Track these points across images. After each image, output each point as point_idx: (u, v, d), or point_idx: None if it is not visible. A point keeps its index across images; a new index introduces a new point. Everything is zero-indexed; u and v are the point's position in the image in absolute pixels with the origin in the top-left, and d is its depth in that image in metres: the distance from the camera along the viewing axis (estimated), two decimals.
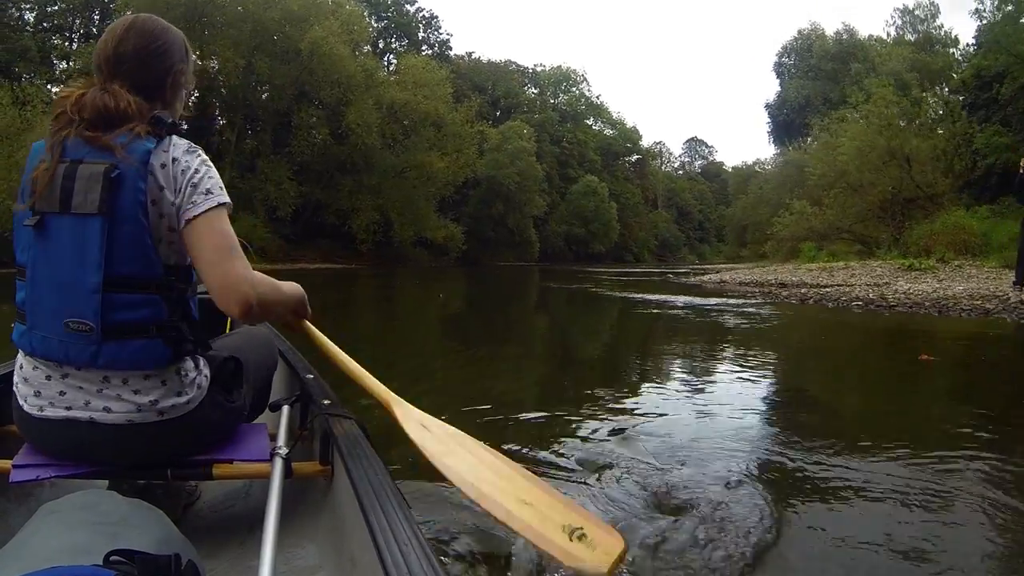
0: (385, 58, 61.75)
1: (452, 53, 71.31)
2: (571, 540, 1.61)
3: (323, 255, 45.10)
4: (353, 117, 45.62)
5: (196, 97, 43.37)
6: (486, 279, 32.04)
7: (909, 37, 64.01)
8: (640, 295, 17.71)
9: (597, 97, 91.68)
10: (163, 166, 1.59)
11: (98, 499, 1.40)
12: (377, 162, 49.30)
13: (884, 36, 64.40)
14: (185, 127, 1.82)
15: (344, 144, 47.48)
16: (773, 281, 19.58)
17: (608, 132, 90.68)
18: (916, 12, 65.39)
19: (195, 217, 1.58)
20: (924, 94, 26.97)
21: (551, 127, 76.99)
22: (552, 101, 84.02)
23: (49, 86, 38.53)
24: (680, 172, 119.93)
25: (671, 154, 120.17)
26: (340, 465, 1.76)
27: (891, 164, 26.21)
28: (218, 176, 1.67)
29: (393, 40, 67.19)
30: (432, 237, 52.31)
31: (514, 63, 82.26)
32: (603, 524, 1.74)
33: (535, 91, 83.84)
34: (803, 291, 15.74)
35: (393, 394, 2.02)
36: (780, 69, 74.40)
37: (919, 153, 26.18)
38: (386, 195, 49.29)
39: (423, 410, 2.00)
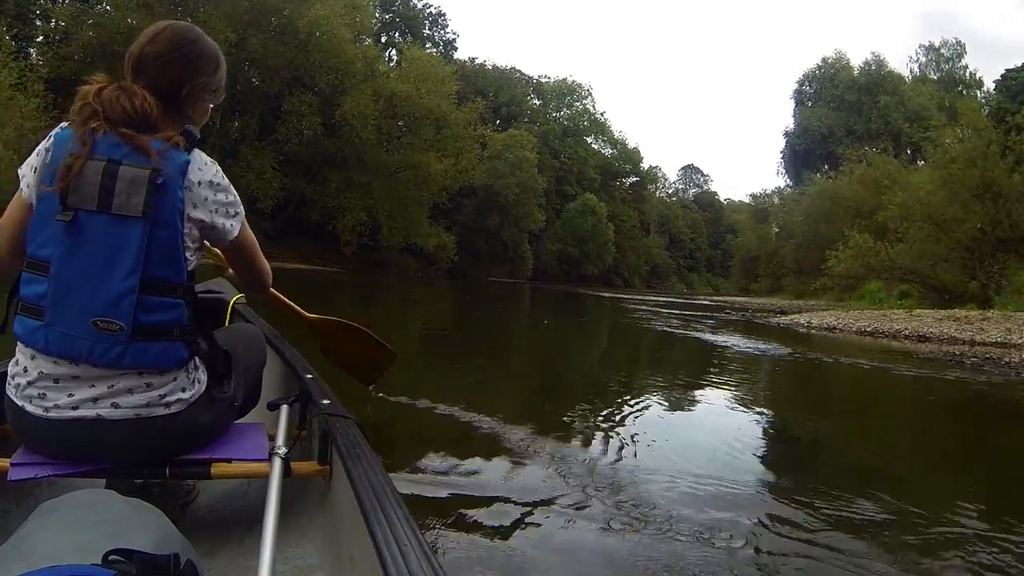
0: (387, 52, 57.89)
1: (456, 56, 68.36)
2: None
3: (303, 255, 41.31)
4: (349, 107, 42.04)
5: None
6: (497, 297, 28.35)
7: (932, 76, 62.72)
8: (746, 342, 14.17)
9: (602, 114, 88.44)
10: (199, 183, 1.67)
11: (96, 498, 1.38)
12: (370, 159, 45.86)
13: (907, 73, 63.20)
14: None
15: (336, 137, 43.97)
16: (901, 332, 16.22)
17: (608, 152, 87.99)
18: (942, 51, 64.31)
19: (237, 237, 1.80)
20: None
21: (553, 140, 74.15)
22: (555, 114, 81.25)
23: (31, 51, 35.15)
24: (674, 199, 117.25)
25: (666, 179, 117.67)
26: (339, 465, 1.79)
27: (984, 198, 22.59)
28: (232, 187, 1.79)
29: (397, 35, 63.69)
30: (422, 245, 49.08)
31: (519, 71, 79.43)
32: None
33: (538, 102, 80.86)
34: (971, 350, 12.37)
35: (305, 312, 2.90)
36: (800, 97, 72.19)
37: (1012, 188, 22.57)
38: (376, 195, 45.85)
39: None
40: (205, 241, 1.79)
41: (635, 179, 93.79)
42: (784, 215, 55.80)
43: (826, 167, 54.55)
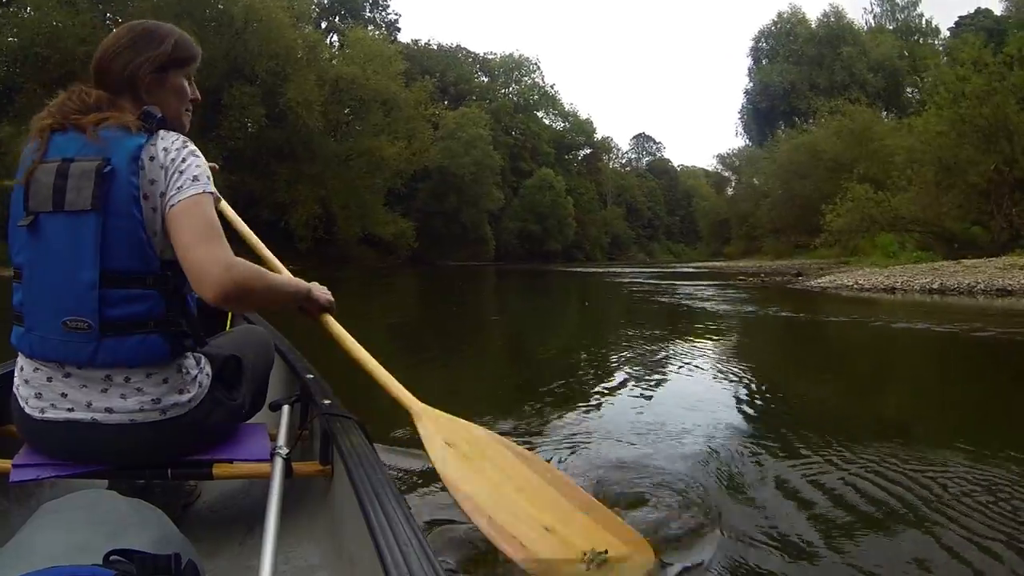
0: (329, 38, 55.26)
1: (400, 37, 66.08)
2: (588, 569, 1.73)
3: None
4: (292, 94, 39.86)
5: None
6: (486, 287, 25.98)
7: (889, 26, 62.57)
8: (801, 314, 12.27)
9: (551, 86, 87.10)
10: (152, 159, 1.60)
11: (98, 499, 1.39)
12: (319, 148, 43.88)
13: (863, 24, 63.22)
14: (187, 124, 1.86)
15: (281, 127, 41.66)
16: (974, 288, 14.79)
17: (560, 125, 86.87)
18: (897, 0, 63.77)
19: (178, 203, 1.58)
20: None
21: (505, 117, 72.50)
22: (504, 91, 79.75)
23: None
24: (628, 169, 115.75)
25: (619, 150, 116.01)
26: (340, 465, 1.77)
27: (999, 137, 20.99)
28: (206, 166, 1.67)
29: (337, 20, 61.37)
30: (380, 234, 47.43)
31: (464, 48, 78.00)
32: (631, 537, 1.87)
33: (486, 79, 79.18)
34: None
35: (417, 401, 2.10)
36: (757, 55, 71.23)
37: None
38: (329, 185, 43.85)
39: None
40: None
41: (589, 151, 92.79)
42: (756, 174, 54.20)
43: (796, 121, 53.53)
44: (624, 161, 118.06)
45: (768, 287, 19.79)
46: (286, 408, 2.11)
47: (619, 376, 6.01)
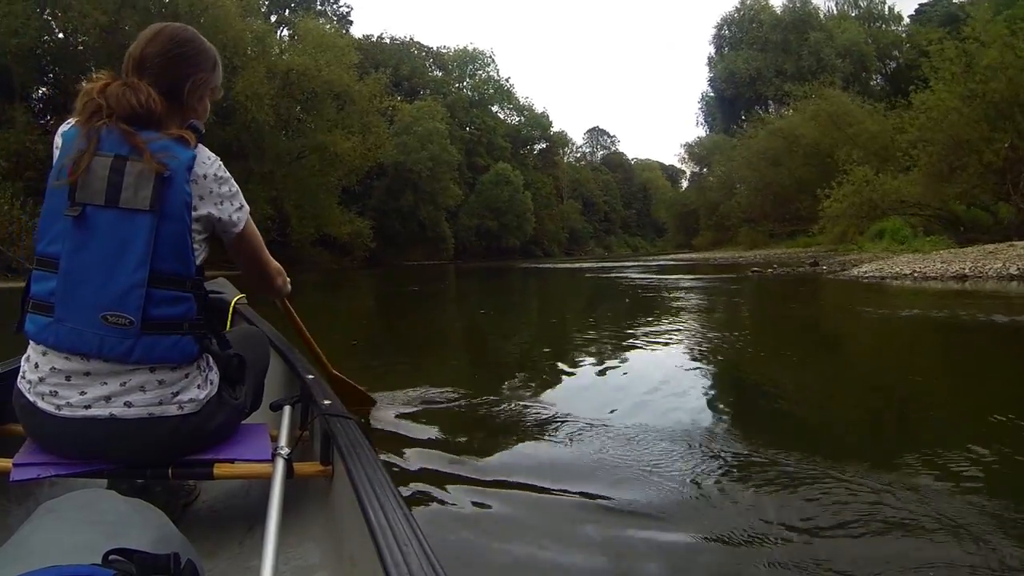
0: (280, 31, 52.62)
1: (352, 31, 63.29)
2: None
3: (208, 262, 35.88)
4: (241, 87, 37.52)
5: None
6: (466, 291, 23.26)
7: (852, 13, 62.46)
8: (913, 311, 10.16)
9: (507, 80, 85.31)
10: (204, 177, 1.71)
11: (97, 498, 1.40)
12: (269, 145, 41.78)
13: (825, 12, 63.41)
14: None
15: (230, 123, 39.26)
16: None
17: (515, 119, 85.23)
18: None
19: (243, 226, 1.83)
20: None
21: (460, 111, 70.68)
22: (458, 85, 77.74)
23: None
24: (583, 163, 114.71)
25: (573, 144, 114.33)
26: (340, 465, 1.78)
27: (1013, 113, 19.67)
28: (234, 180, 1.81)
29: (288, 12, 58.27)
30: (336, 234, 45.36)
31: (418, 43, 75.54)
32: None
33: (440, 73, 77.20)
34: None
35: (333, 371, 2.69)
36: (719, 42, 70.39)
37: None
38: (280, 185, 41.69)
39: None
40: (214, 235, 1.81)
41: (545, 145, 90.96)
42: (727, 162, 52.79)
43: (766, 107, 52.90)
44: (579, 155, 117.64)
45: (805, 280, 17.51)
46: (287, 408, 2.11)
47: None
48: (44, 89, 37.47)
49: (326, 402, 2.09)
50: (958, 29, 24.19)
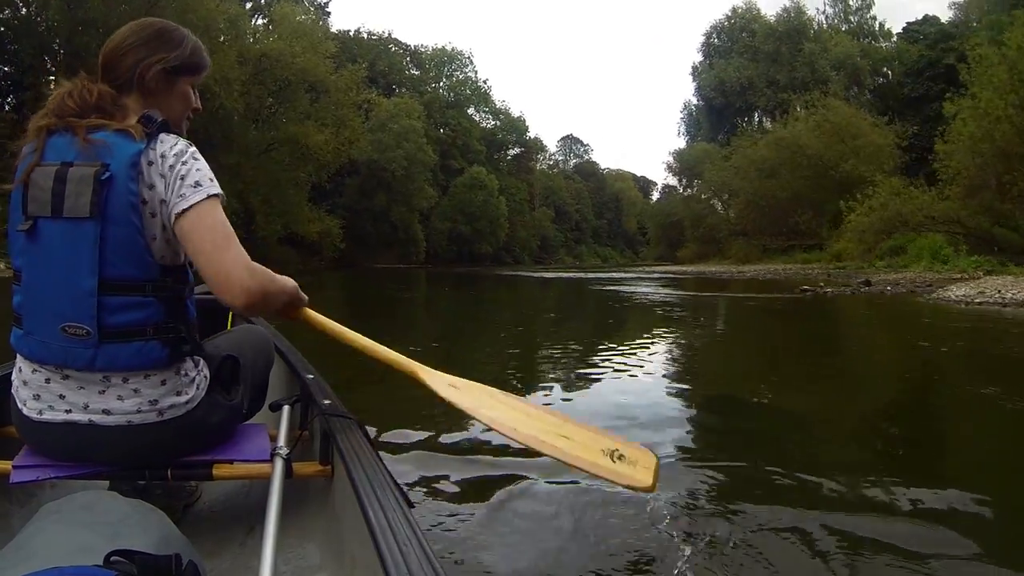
0: (255, 18, 50.31)
1: (330, 23, 60.73)
2: (614, 462, 1.77)
3: None
4: (211, 71, 34.30)
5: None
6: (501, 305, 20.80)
7: (843, 28, 62.30)
8: None
9: (484, 81, 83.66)
10: (151, 163, 1.57)
11: (98, 499, 1.40)
12: (238, 135, 39.87)
13: (816, 25, 63.13)
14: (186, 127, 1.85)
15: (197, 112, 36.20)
16: None
17: (491, 122, 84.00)
18: (851, 2, 63.53)
19: (185, 211, 1.55)
20: None
21: (437, 111, 69.02)
22: (435, 84, 76.46)
23: None
24: (555, 170, 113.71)
25: (546, 150, 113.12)
26: (340, 465, 1.77)
27: None
28: (208, 168, 1.63)
29: (263, 1, 55.77)
30: (304, 233, 43.27)
31: (396, 40, 73.79)
32: (633, 444, 1.91)
33: (417, 72, 75.77)
34: None
35: (414, 362, 2.02)
36: (708, 51, 69.41)
37: None
38: (247, 178, 39.64)
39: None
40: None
41: (520, 150, 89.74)
42: (718, 172, 51.15)
43: (758, 116, 51.97)
44: (552, 163, 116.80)
45: (902, 303, 14.45)
46: (286, 408, 2.08)
47: None
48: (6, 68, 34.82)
49: (326, 402, 2.04)
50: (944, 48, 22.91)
